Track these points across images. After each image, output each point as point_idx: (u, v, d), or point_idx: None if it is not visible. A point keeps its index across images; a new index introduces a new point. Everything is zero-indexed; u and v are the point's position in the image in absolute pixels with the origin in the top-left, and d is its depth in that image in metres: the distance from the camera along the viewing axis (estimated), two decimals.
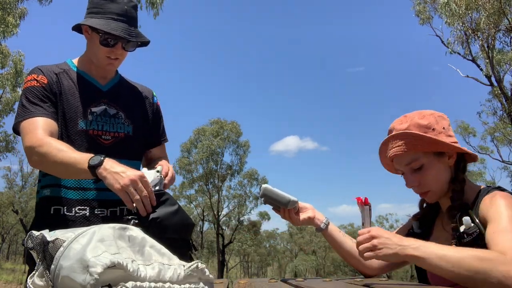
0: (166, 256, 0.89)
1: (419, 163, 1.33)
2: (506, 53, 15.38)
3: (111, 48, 1.56)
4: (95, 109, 1.60)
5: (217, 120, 28.99)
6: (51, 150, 1.39)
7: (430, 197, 1.37)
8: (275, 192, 1.46)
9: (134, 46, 1.62)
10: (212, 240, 36.91)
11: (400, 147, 1.33)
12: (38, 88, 1.53)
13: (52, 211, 1.53)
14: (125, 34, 1.52)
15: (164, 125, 1.85)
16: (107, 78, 1.69)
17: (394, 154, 1.34)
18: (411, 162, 1.33)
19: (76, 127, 1.56)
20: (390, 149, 1.36)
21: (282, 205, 1.47)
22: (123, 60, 1.65)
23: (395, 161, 1.37)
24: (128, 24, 1.55)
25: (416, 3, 16.05)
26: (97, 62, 1.62)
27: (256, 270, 56.44)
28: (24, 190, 34.52)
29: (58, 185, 1.55)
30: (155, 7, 12.48)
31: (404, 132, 1.33)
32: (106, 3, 1.55)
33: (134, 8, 1.60)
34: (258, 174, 30.04)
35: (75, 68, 1.66)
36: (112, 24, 1.52)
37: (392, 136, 1.36)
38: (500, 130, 19.89)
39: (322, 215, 1.52)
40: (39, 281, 0.86)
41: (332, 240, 1.52)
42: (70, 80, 1.61)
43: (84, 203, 1.54)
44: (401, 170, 1.38)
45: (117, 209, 1.58)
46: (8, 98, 16.84)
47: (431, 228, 1.43)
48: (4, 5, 12.75)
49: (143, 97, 1.76)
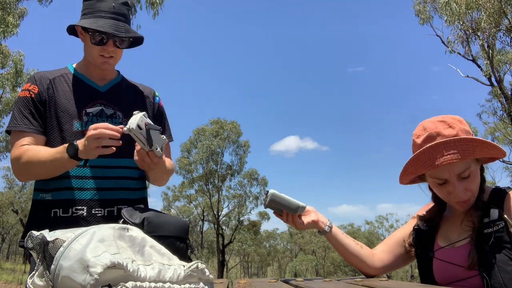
0: (166, 256, 0.89)
1: (469, 171, 1.27)
2: (506, 53, 15.37)
3: (103, 46, 1.58)
4: (90, 110, 1.61)
5: (217, 120, 29.00)
6: (30, 155, 1.51)
7: (469, 204, 1.31)
8: (283, 198, 1.41)
9: (126, 43, 1.63)
10: (212, 240, 36.90)
11: (455, 155, 1.24)
12: (29, 99, 1.60)
13: (47, 214, 1.54)
14: (112, 30, 1.54)
15: (169, 125, 1.85)
16: (106, 79, 1.70)
17: (448, 163, 1.24)
18: (464, 170, 1.27)
19: (71, 128, 1.58)
20: (441, 157, 1.25)
21: (291, 211, 1.42)
22: (119, 59, 1.67)
23: (443, 169, 1.27)
24: (117, 20, 1.57)
25: (416, 3, 16.06)
26: (93, 62, 1.64)
27: (256, 270, 56.44)
28: (24, 190, 34.51)
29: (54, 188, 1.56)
30: (155, 7, 12.48)
31: (464, 138, 1.25)
32: (95, 2, 1.59)
33: (124, 5, 1.62)
34: (258, 174, 30.09)
35: (75, 71, 1.68)
36: (100, 22, 1.54)
37: (445, 143, 1.25)
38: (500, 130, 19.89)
39: (325, 218, 1.50)
40: (39, 281, 0.86)
41: (336, 242, 1.50)
42: (66, 84, 1.64)
43: (81, 203, 1.55)
44: (445, 179, 1.29)
45: (115, 209, 1.58)
46: (8, 98, 16.83)
47: (438, 226, 1.43)
48: (4, 5, 12.75)
49: (143, 97, 1.77)
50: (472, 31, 13.74)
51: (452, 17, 13.04)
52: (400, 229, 1.57)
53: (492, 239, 1.22)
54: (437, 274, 1.34)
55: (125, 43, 1.62)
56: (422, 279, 1.40)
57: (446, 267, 1.31)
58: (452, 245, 1.33)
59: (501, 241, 1.22)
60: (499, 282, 1.20)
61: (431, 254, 1.37)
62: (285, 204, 1.41)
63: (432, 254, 1.37)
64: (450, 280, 1.30)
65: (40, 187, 1.60)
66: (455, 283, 1.28)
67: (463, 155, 1.23)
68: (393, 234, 1.57)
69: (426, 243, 1.40)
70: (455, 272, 1.28)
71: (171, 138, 1.84)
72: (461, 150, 1.24)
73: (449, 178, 1.28)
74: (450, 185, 1.29)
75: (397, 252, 1.50)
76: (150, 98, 1.78)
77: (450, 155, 1.24)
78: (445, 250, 1.34)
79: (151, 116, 1.75)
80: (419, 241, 1.43)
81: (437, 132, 1.29)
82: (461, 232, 1.33)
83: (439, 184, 1.32)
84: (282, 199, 1.40)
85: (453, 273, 1.29)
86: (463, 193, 1.28)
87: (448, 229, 1.39)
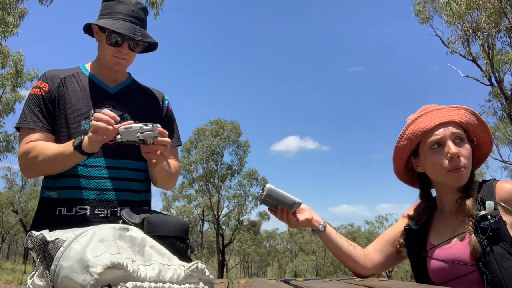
0: (166, 256, 0.89)
1: (464, 137, 1.34)
2: (506, 53, 15.37)
3: (117, 48, 1.60)
4: (98, 110, 1.62)
5: (217, 120, 28.99)
6: (37, 150, 1.52)
7: (463, 176, 1.32)
8: (279, 193, 1.39)
9: (141, 47, 1.65)
10: (212, 240, 36.89)
11: (455, 116, 1.35)
12: (39, 97, 1.62)
13: (52, 212, 1.56)
14: (129, 32, 1.56)
15: (178, 129, 1.86)
16: (116, 81, 1.72)
17: (447, 120, 1.34)
18: (460, 132, 1.34)
19: (79, 127, 1.60)
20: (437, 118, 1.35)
21: (286, 207, 1.41)
22: (131, 62, 1.69)
23: (443, 126, 1.34)
24: (134, 24, 1.59)
25: (416, 3, 16.04)
26: (105, 62, 1.66)
27: (256, 270, 56.43)
28: (24, 190, 34.52)
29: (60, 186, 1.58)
30: (155, 7, 12.48)
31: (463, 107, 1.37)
32: (115, 4, 1.62)
33: (143, 10, 1.65)
34: (258, 174, 30.09)
35: (86, 72, 1.71)
36: (118, 23, 1.57)
37: (441, 109, 1.37)
38: (500, 130, 19.88)
39: (319, 217, 1.48)
40: (39, 281, 0.86)
41: (329, 242, 1.48)
42: (77, 84, 1.66)
43: (85, 202, 1.56)
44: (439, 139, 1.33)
45: (118, 210, 1.59)
46: (8, 98, 16.81)
47: (429, 225, 1.42)
48: (4, 5, 12.75)
49: (153, 100, 1.79)
50: (472, 31, 13.73)
51: (452, 17, 13.04)
52: (390, 228, 1.56)
53: (489, 232, 1.21)
54: (432, 273, 1.33)
55: (140, 47, 1.64)
56: (417, 279, 1.39)
57: (442, 265, 1.29)
58: (447, 242, 1.32)
59: (498, 234, 1.22)
60: (498, 277, 1.19)
61: (424, 253, 1.36)
62: (281, 199, 1.40)
63: (425, 253, 1.36)
64: (447, 278, 1.28)
65: (47, 185, 1.62)
66: (453, 281, 1.26)
67: (459, 118, 1.34)
68: (384, 234, 1.55)
69: (418, 243, 1.39)
70: (451, 270, 1.27)
71: (179, 142, 1.85)
72: (455, 115, 1.35)
73: (444, 138, 1.33)
74: (446, 147, 1.32)
75: (388, 252, 1.50)
76: (159, 101, 1.80)
77: (447, 116, 1.34)
78: (439, 248, 1.32)
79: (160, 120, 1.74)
80: (411, 241, 1.41)
81: (433, 106, 1.39)
82: (455, 227, 1.31)
83: (434, 150, 1.34)
84: (278, 194, 1.39)
85: (449, 271, 1.27)
86: (457, 156, 1.30)
87: (440, 226, 1.38)
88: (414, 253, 1.40)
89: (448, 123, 1.34)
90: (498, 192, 1.29)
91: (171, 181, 1.76)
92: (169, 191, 32.30)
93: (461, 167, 1.30)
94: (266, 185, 1.40)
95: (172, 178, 1.73)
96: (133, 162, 1.64)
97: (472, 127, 1.36)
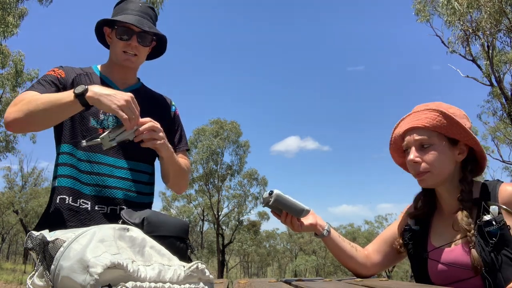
0: (166, 256, 0.89)
1: (430, 141, 1.32)
2: (506, 53, 15.37)
3: (126, 41, 1.64)
4: None
5: (217, 120, 29.01)
6: (30, 96, 1.47)
7: (426, 180, 1.33)
8: (288, 200, 1.37)
9: (149, 40, 1.68)
10: (212, 240, 36.91)
11: (421, 121, 1.33)
12: (54, 77, 1.62)
13: (59, 200, 1.58)
14: (136, 23, 1.61)
15: (185, 134, 1.87)
16: (127, 83, 1.75)
17: (411, 126, 1.34)
18: (424, 138, 1.32)
19: (87, 123, 1.62)
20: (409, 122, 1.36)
21: (295, 214, 1.40)
22: (141, 60, 1.72)
23: (409, 133, 1.36)
24: (141, 18, 1.65)
25: (416, 2, 16.04)
26: (116, 59, 1.69)
27: (256, 270, 56.45)
28: (24, 190, 34.47)
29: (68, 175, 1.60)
30: (155, 6, 12.50)
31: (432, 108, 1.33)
32: (124, 4, 1.71)
33: (150, 8, 1.73)
34: (258, 174, 30.09)
35: (98, 72, 1.74)
36: (127, 17, 1.63)
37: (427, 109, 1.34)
38: (500, 130, 19.88)
39: (323, 221, 1.48)
40: (39, 281, 0.86)
41: (333, 246, 1.48)
42: (90, 82, 1.67)
43: (86, 197, 1.59)
44: (409, 145, 1.36)
45: (117, 208, 1.60)
46: (8, 98, 16.81)
47: (429, 225, 1.41)
48: (4, 5, 12.75)
49: (161, 105, 1.81)
50: (472, 31, 13.74)
51: (452, 17, 13.04)
52: (389, 226, 1.55)
53: (494, 238, 1.20)
54: (433, 275, 1.32)
55: (148, 40, 1.67)
56: (417, 280, 1.38)
57: (443, 268, 1.28)
58: (448, 244, 1.30)
59: (503, 240, 1.20)
60: (500, 283, 1.17)
61: (425, 255, 1.35)
62: (289, 206, 1.38)
63: (426, 255, 1.34)
64: (447, 281, 1.27)
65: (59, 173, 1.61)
66: (453, 284, 1.25)
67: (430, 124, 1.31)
68: (384, 233, 1.55)
69: (419, 244, 1.38)
70: (453, 273, 1.26)
71: (186, 146, 1.85)
72: (422, 119, 1.33)
73: (409, 145, 1.36)
74: (410, 151, 1.35)
75: (388, 252, 1.49)
76: (167, 106, 1.83)
77: (416, 120, 1.34)
78: (440, 250, 1.31)
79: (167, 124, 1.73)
80: (411, 242, 1.40)
81: (417, 107, 1.39)
82: (456, 231, 1.30)
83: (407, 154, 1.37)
84: (287, 201, 1.37)
85: (450, 274, 1.26)
86: (419, 161, 1.32)
87: (442, 228, 1.36)
88: (415, 253, 1.39)
89: (413, 129, 1.35)
90: (502, 195, 1.28)
91: (183, 178, 1.76)
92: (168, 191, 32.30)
93: (420, 172, 1.33)
94: (274, 191, 1.37)
95: (183, 175, 1.74)
96: (138, 164, 1.67)
97: (443, 128, 1.31)
